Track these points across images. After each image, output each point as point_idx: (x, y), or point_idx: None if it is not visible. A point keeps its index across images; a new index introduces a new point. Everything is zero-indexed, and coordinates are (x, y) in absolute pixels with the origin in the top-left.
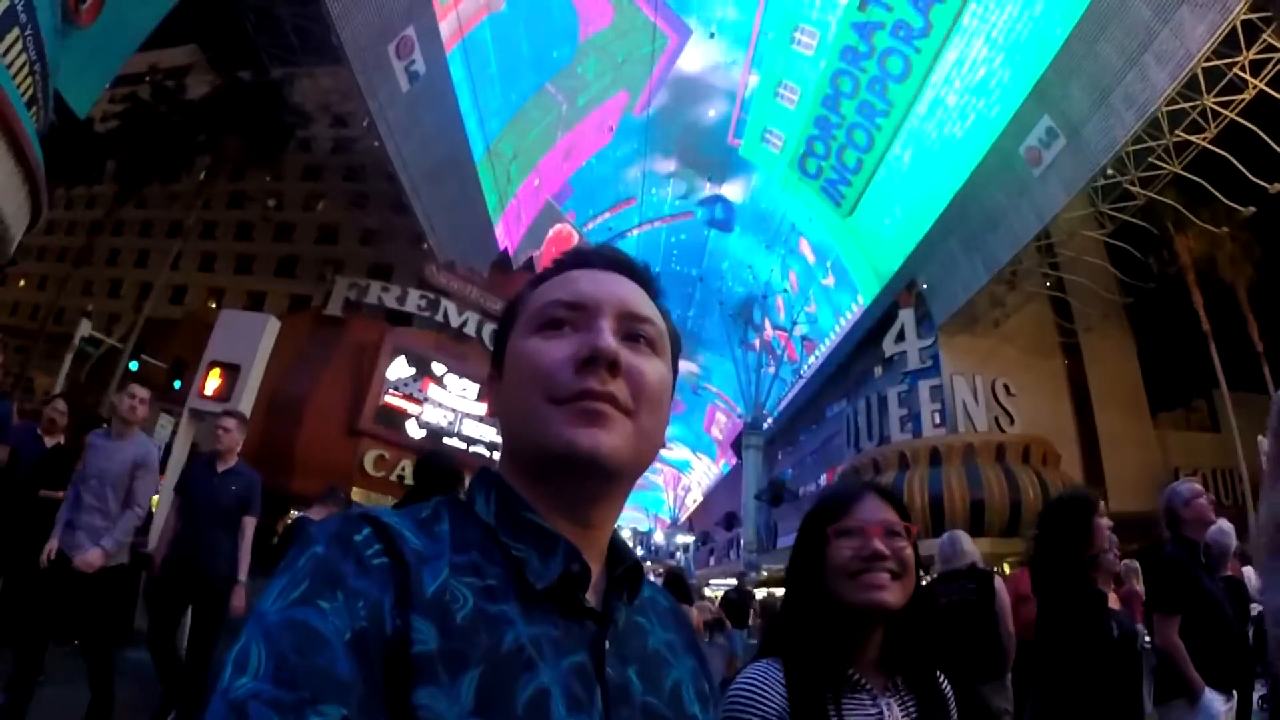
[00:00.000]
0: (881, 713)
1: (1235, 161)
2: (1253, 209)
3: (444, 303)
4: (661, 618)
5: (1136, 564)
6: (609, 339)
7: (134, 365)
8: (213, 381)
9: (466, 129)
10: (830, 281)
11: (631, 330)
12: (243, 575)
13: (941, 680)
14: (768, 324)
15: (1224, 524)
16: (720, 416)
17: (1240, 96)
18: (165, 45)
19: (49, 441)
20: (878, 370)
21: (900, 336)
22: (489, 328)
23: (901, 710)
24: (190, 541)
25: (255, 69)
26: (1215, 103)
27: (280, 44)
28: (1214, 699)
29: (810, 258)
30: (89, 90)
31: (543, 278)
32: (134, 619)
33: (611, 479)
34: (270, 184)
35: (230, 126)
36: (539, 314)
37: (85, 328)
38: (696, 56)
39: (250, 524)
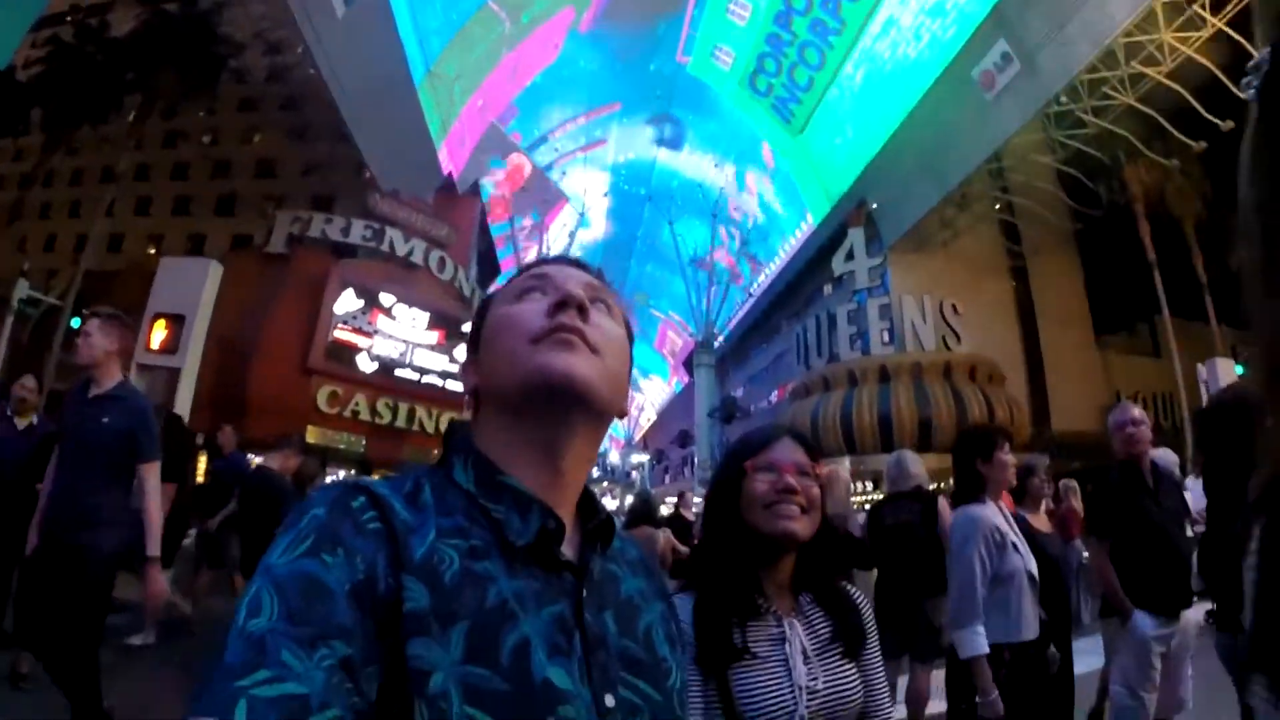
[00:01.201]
0: (784, 632)
1: (1189, 97)
2: (1204, 144)
3: (389, 232)
4: (632, 566)
5: (1074, 483)
6: (577, 289)
7: (76, 323)
8: (158, 334)
9: (406, 51)
10: (776, 200)
11: (594, 296)
12: (153, 549)
13: (855, 594)
14: (722, 233)
15: (1166, 453)
16: (672, 335)
17: (1198, 34)
18: None
19: (20, 424)
20: (827, 289)
21: (849, 256)
22: (436, 255)
23: (808, 630)
24: (59, 499)
25: None
26: (1173, 37)
27: None
28: (1143, 620)
29: (765, 178)
30: (9, 39)
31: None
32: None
33: (581, 403)
34: (205, 120)
35: (159, 62)
36: (513, 290)
37: (23, 288)
38: None
39: (150, 473)
